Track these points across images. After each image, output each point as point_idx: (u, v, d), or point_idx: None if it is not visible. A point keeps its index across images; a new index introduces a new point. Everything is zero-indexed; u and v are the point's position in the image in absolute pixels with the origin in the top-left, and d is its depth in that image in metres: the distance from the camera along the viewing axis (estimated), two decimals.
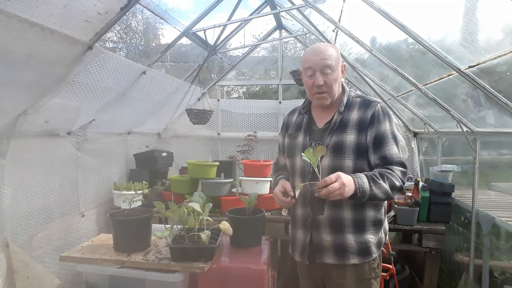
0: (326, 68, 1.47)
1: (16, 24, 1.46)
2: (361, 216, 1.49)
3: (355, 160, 1.47)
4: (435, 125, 3.27)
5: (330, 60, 1.46)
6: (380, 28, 2.42)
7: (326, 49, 1.49)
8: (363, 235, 1.49)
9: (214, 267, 1.79)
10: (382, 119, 1.48)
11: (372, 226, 1.51)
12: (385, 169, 1.41)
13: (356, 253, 1.48)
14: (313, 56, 1.49)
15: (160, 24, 3.52)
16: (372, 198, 1.36)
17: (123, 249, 1.87)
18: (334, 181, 1.25)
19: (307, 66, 1.50)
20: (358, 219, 1.49)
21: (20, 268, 1.89)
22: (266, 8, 3.59)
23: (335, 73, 1.49)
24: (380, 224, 1.54)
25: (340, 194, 1.26)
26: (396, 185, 1.38)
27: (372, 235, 1.50)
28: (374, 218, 1.51)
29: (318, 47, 1.51)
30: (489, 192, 2.99)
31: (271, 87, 5.31)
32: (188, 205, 1.73)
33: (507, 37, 1.59)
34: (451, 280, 2.80)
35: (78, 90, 2.21)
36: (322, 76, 1.48)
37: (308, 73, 1.51)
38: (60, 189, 2.50)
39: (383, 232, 1.57)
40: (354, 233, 1.48)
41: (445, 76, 2.27)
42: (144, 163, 3.45)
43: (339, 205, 1.47)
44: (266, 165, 3.03)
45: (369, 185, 1.33)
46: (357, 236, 1.48)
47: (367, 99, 1.57)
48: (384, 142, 1.45)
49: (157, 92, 3.23)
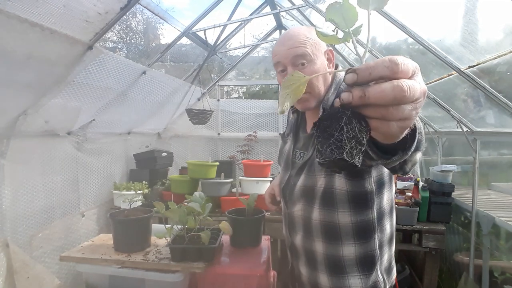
0: (299, 59, 1.05)
1: (16, 24, 1.46)
2: (335, 251, 1.07)
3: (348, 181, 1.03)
4: (435, 125, 3.27)
5: (303, 48, 1.04)
6: (380, 28, 2.42)
7: (298, 34, 1.06)
8: (341, 278, 1.07)
9: (214, 267, 1.79)
10: None
11: (355, 266, 1.07)
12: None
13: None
14: (281, 46, 1.08)
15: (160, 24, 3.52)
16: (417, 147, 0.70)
17: (123, 249, 1.87)
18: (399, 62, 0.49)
19: (276, 60, 1.09)
20: (332, 256, 1.08)
21: (20, 268, 1.89)
22: (266, 8, 3.59)
23: (314, 63, 1.06)
24: (371, 262, 1.07)
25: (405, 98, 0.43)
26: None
27: (357, 280, 1.06)
28: (358, 255, 1.06)
29: (287, 34, 1.10)
30: (489, 192, 2.99)
31: (271, 87, 5.31)
32: (188, 205, 1.73)
33: (507, 37, 1.59)
34: (451, 280, 2.80)
35: (78, 90, 2.21)
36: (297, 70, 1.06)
37: (278, 69, 1.10)
38: (60, 189, 2.50)
39: (381, 273, 1.10)
40: (328, 275, 1.09)
41: (445, 76, 2.27)
42: (144, 163, 3.45)
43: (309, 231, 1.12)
44: (266, 165, 3.03)
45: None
46: (333, 280, 1.08)
47: None
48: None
49: (157, 92, 3.22)
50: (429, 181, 2.86)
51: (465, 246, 2.71)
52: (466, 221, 2.80)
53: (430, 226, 2.58)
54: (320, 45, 1.09)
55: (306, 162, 1.14)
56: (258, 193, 2.56)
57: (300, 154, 1.19)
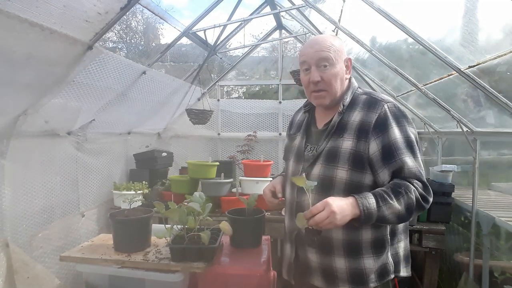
0: (322, 61, 1.26)
1: (16, 24, 1.46)
2: (354, 236, 1.23)
3: (350, 172, 1.22)
4: (435, 125, 3.27)
5: (327, 52, 1.25)
6: (380, 28, 2.42)
7: (324, 40, 1.28)
8: (358, 259, 1.23)
9: (214, 267, 1.79)
10: (390, 124, 1.20)
11: (370, 248, 1.23)
12: (401, 184, 1.14)
13: (347, 280, 1.23)
14: (308, 48, 1.29)
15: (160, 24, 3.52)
16: (381, 221, 1.12)
17: (123, 249, 1.87)
18: (321, 210, 1.06)
19: (302, 60, 1.30)
20: (351, 241, 1.23)
21: (20, 268, 1.88)
22: (266, 8, 3.59)
23: (335, 67, 1.26)
24: (383, 245, 1.24)
25: (331, 224, 1.05)
26: (412, 204, 1.12)
27: (370, 260, 1.22)
28: (373, 238, 1.23)
29: (315, 39, 1.33)
30: (489, 192, 2.99)
31: (271, 87, 5.30)
32: (188, 205, 1.73)
33: (507, 37, 1.59)
34: (451, 280, 2.80)
35: (78, 90, 2.21)
36: (319, 71, 1.26)
37: (303, 67, 1.31)
38: (60, 189, 2.50)
39: (390, 257, 1.25)
40: (345, 257, 1.23)
41: (445, 76, 2.27)
42: (144, 163, 3.45)
43: None
44: (266, 165, 3.03)
45: (377, 206, 1.09)
46: (349, 261, 1.23)
47: (373, 96, 1.30)
48: (397, 154, 1.17)
49: (157, 92, 3.22)
50: (429, 181, 2.85)
51: (465, 246, 2.71)
52: (466, 221, 2.80)
53: (430, 226, 2.58)
54: (342, 52, 1.29)
55: (320, 153, 1.29)
56: (258, 193, 2.56)
57: (311, 148, 1.35)
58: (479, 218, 2.42)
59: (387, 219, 1.11)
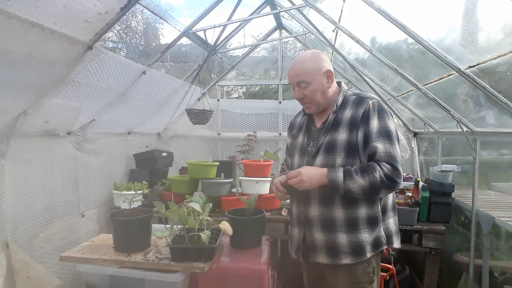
0: (300, 83, 1.52)
1: (16, 24, 1.46)
2: (353, 214, 1.47)
3: (346, 158, 1.46)
4: (435, 125, 3.27)
5: (301, 76, 1.51)
6: (380, 28, 2.42)
7: (299, 63, 1.52)
8: (356, 234, 1.46)
9: (214, 267, 1.79)
10: (371, 116, 1.45)
11: (366, 224, 1.47)
12: (369, 164, 1.39)
13: (348, 253, 1.46)
14: (289, 71, 1.56)
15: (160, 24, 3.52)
16: (347, 192, 1.39)
17: (123, 249, 1.87)
18: (295, 176, 1.42)
19: (288, 81, 1.59)
20: (350, 218, 1.47)
21: (20, 268, 1.89)
22: (266, 8, 3.59)
23: (312, 85, 1.51)
24: (375, 221, 1.49)
25: (300, 187, 1.42)
26: (377, 182, 1.36)
27: (366, 234, 1.47)
28: (367, 215, 1.47)
29: (293, 62, 1.56)
30: (489, 192, 2.99)
31: (271, 87, 5.30)
32: (188, 205, 1.73)
33: (507, 37, 1.59)
34: (451, 280, 2.80)
35: (78, 90, 2.21)
36: (300, 90, 1.53)
37: (290, 86, 1.60)
38: (60, 189, 2.50)
39: (382, 231, 1.51)
40: (346, 232, 1.46)
41: (445, 76, 2.27)
42: (144, 163, 3.45)
43: (330, 204, 1.48)
44: (266, 165, 3.03)
45: (343, 179, 1.38)
46: (350, 235, 1.46)
47: (361, 96, 1.54)
48: (371, 140, 1.42)
49: (157, 92, 3.23)
50: (429, 181, 2.85)
51: (465, 246, 2.71)
52: (466, 221, 2.80)
53: (430, 226, 2.58)
54: (318, 68, 1.51)
55: (320, 146, 1.52)
56: (258, 193, 2.56)
57: (313, 144, 1.59)
58: (479, 218, 2.42)
59: (353, 192, 1.39)
